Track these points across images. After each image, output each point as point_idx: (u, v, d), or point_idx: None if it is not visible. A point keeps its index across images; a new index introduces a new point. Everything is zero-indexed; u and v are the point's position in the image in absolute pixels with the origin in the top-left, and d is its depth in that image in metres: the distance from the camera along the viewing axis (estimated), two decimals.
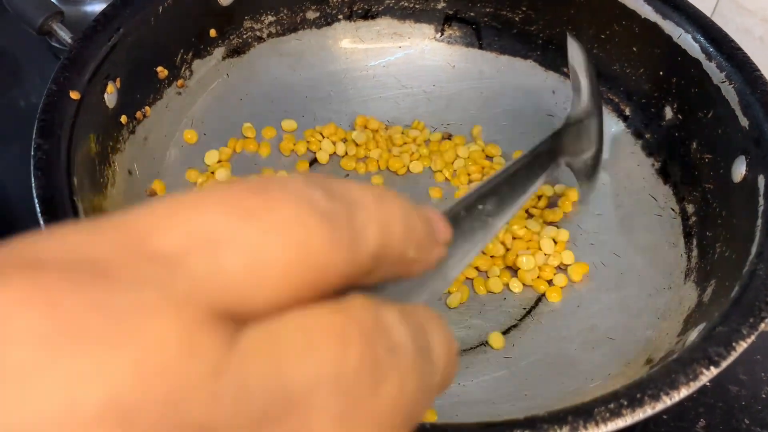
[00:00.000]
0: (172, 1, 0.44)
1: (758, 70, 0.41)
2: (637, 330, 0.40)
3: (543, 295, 0.44)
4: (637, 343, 0.39)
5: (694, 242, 0.42)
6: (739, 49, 0.42)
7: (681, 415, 0.45)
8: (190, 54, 0.48)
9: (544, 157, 0.36)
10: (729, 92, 0.41)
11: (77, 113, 0.38)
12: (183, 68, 0.47)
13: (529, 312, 0.43)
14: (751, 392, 0.45)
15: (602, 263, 0.45)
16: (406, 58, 0.54)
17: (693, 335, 0.34)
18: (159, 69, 0.45)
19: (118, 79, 0.42)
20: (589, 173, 0.44)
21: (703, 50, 0.43)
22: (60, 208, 0.33)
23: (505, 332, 0.42)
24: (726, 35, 0.43)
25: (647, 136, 0.48)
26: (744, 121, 0.40)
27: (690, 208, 0.44)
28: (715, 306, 0.35)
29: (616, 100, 0.50)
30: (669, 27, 0.45)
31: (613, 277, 0.44)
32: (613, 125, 0.50)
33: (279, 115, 0.51)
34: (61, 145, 0.36)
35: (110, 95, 0.41)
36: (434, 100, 0.54)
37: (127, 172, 0.43)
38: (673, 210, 0.45)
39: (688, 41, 0.44)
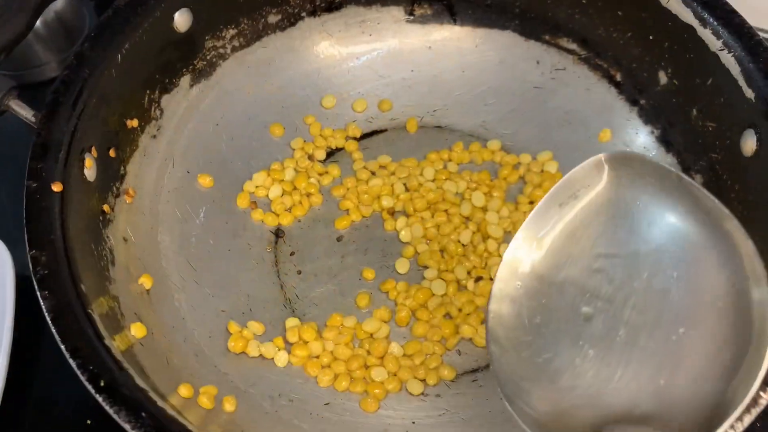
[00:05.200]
0: (130, 45, 0.41)
1: (757, 36, 0.39)
2: None
3: None
4: None
5: None
6: (734, 12, 0.40)
7: None
8: (157, 92, 0.44)
9: None
10: (729, 61, 0.40)
11: (63, 206, 0.35)
12: (152, 109, 0.44)
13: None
14: None
15: None
16: (378, 46, 0.51)
17: None
18: (128, 121, 0.42)
19: (93, 148, 0.39)
20: None
21: (697, 16, 0.41)
22: (78, 327, 0.31)
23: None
24: None
25: (642, 102, 0.47)
26: (749, 93, 0.39)
27: (698, 179, 0.43)
28: None
29: (605, 65, 0.48)
30: None
31: None
32: (604, 92, 0.48)
33: (259, 132, 0.49)
34: (58, 253, 0.33)
35: (90, 170, 0.38)
36: (415, 87, 0.51)
37: (122, 240, 0.40)
38: None
39: (679, 6, 0.42)
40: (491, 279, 0.44)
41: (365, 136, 0.50)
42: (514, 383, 0.32)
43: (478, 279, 0.44)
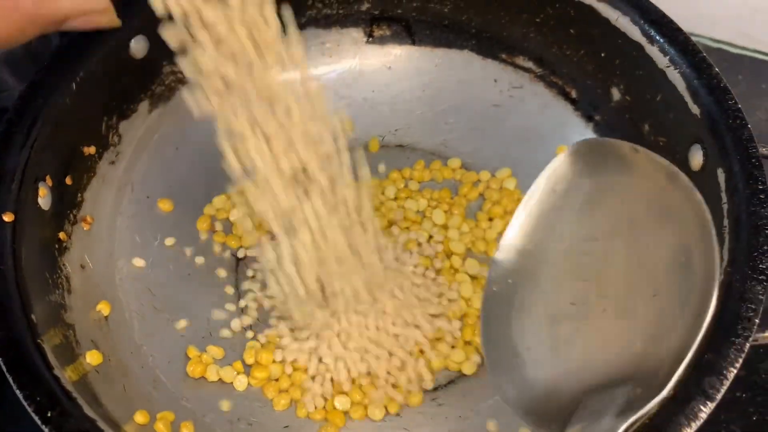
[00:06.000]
0: (85, 73, 0.41)
1: (701, 52, 0.40)
2: None
3: None
4: None
5: None
6: (680, 29, 0.41)
7: None
8: (114, 118, 0.44)
9: None
10: (675, 77, 0.41)
11: (15, 235, 0.35)
12: (111, 135, 0.44)
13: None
14: None
15: None
16: (338, 68, 0.52)
17: None
18: (85, 148, 0.42)
19: (47, 177, 0.39)
20: None
21: (644, 33, 0.42)
22: (26, 358, 0.32)
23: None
24: (665, 16, 0.42)
25: (597, 118, 0.47)
26: (695, 109, 0.40)
27: None
28: None
29: (560, 82, 0.49)
30: (605, 9, 0.44)
31: None
32: (560, 108, 0.49)
33: (220, 155, 0.49)
34: (8, 284, 0.33)
35: (44, 198, 0.38)
36: (376, 107, 0.52)
37: (79, 267, 0.40)
38: None
39: (627, 24, 0.43)
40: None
41: None
42: (502, 366, 0.35)
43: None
